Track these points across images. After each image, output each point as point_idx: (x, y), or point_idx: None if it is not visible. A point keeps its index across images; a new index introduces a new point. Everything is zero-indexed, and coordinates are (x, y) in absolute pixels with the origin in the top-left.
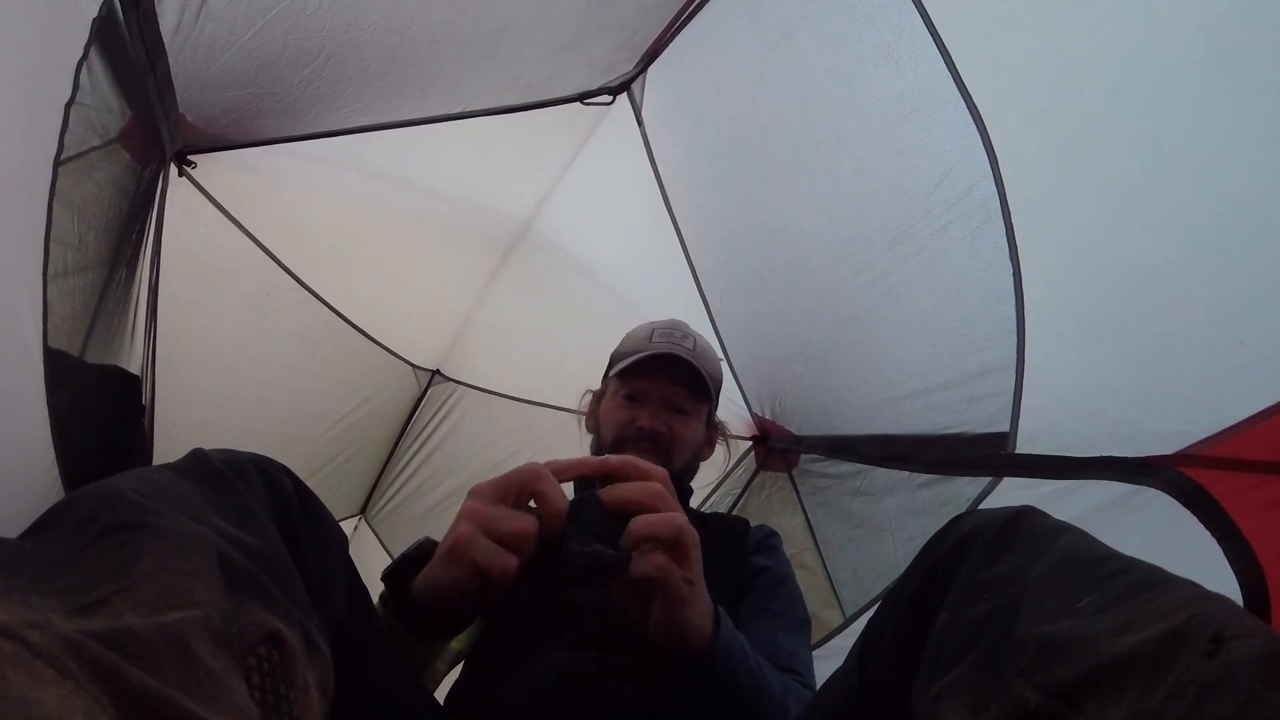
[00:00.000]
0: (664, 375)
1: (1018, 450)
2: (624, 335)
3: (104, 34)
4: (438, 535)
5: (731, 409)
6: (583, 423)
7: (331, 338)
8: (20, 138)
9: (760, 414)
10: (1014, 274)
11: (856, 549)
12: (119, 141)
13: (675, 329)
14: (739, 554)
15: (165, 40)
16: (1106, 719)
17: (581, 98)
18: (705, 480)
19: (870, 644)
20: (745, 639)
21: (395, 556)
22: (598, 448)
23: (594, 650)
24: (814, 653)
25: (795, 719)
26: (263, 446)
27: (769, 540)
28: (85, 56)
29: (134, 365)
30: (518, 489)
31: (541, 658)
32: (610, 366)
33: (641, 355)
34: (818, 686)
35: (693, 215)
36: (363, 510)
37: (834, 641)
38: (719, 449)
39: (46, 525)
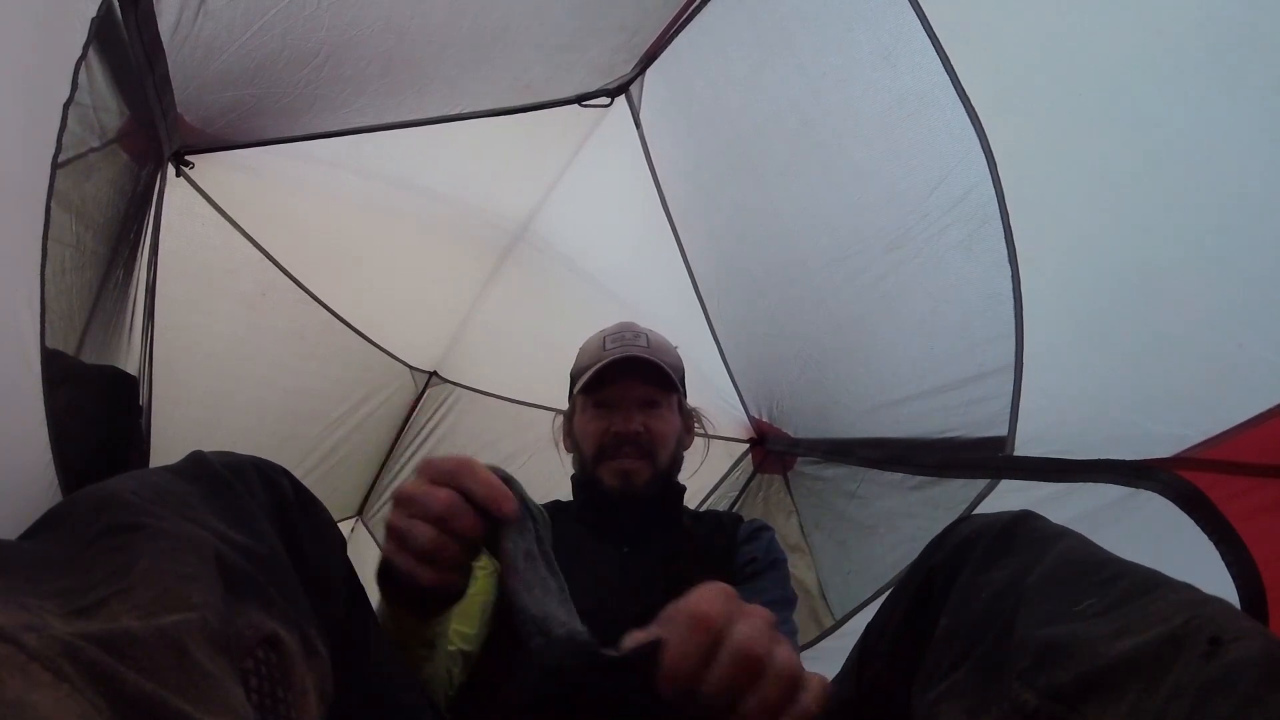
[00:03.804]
0: (628, 378)
1: (1016, 453)
2: (578, 350)
3: (102, 34)
4: None
5: (728, 411)
6: (560, 445)
7: (328, 338)
8: (19, 137)
9: (757, 416)
10: (1012, 276)
11: (849, 552)
12: (117, 141)
13: (626, 331)
14: (730, 546)
15: (164, 40)
16: None
17: (580, 99)
18: (702, 484)
19: (869, 647)
20: None
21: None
22: (580, 464)
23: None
24: (803, 654)
25: None
26: (258, 446)
27: (759, 533)
28: (84, 56)
29: (131, 365)
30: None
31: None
32: (572, 384)
33: (601, 364)
34: None
35: (690, 218)
36: (360, 512)
37: (824, 643)
38: (713, 447)
39: (46, 526)
